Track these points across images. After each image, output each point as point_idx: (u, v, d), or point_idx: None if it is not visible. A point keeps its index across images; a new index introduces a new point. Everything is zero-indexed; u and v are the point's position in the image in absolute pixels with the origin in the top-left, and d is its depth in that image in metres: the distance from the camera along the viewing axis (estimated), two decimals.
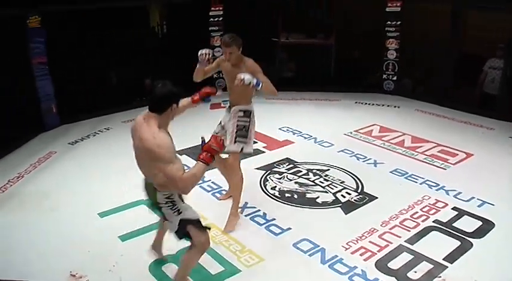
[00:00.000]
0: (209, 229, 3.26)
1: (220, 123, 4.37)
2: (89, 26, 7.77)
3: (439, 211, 4.46)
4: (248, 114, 4.17)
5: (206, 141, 2.89)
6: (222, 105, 7.59)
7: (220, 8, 8.11)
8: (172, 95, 2.83)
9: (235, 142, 4.13)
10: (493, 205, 4.55)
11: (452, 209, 4.49)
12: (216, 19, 8.14)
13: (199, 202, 4.57)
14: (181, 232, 3.10)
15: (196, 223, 3.12)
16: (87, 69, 8.15)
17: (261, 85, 3.85)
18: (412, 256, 3.78)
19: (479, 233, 4.09)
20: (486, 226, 4.19)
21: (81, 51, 7.64)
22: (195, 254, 3.19)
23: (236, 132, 4.13)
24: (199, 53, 4.05)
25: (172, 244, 3.85)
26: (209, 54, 4.06)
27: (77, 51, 7.54)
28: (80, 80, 7.98)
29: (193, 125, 6.36)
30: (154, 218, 4.27)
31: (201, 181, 5.00)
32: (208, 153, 2.80)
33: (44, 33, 6.34)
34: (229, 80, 4.15)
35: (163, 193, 3.00)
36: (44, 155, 5.76)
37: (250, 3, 8.87)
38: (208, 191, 4.85)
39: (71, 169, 5.43)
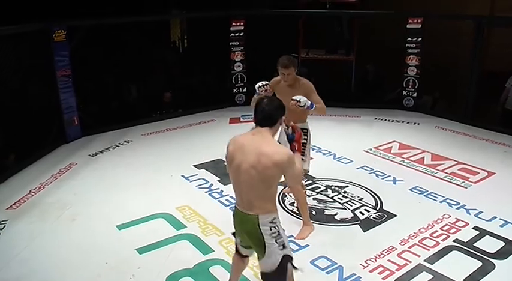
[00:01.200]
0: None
1: (278, 141, 4.39)
2: (112, 39, 7.92)
3: (460, 230, 4.38)
4: (305, 132, 4.35)
5: (293, 134, 3.17)
6: (241, 119, 7.64)
7: (241, 23, 8.18)
8: (281, 108, 2.92)
9: None
10: None
11: (473, 228, 4.40)
12: (237, 34, 8.21)
13: (215, 215, 4.61)
14: (280, 270, 2.82)
15: (292, 260, 2.90)
16: (109, 82, 8.30)
17: (314, 107, 4.03)
18: (432, 276, 3.71)
19: (502, 254, 4.00)
20: (509, 247, 4.09)
21: (104, 65, 7.78)
22: None
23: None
24: (256, 87, 4.26)
25: (186, 257, 3.87)
26: (266, 86, 4.26)
27: (99, 64, 7.69)
28: (101, 93, 8.13)
29: (213, 139, 6.42)
30: (171, 231, 4.32)
31: (219, 195, 5.04)
32: (300, 144, 3.14)
33: (68, 46, 6.47)
34: (284, 101, 4.11)
35: (268, 216, 2.83)
36: (65, 166, 5.84)
37: (271, 19, 8.95)
38: (227, 206, 4.85)
39: (90, 181, 5.49)
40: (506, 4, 7.72)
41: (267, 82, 4.32)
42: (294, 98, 3.92)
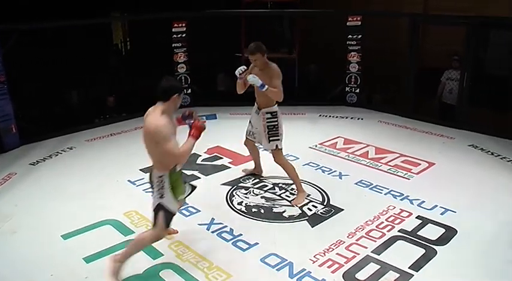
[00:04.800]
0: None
1: (250, 122, 5.10)
2: (50, 43, 7.67)
3: (404, 220, 4.53)
4: (275, 114, 4.85)
5: (192, 121, 3.56)
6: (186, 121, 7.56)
7: (183, 25, 8.11)
8: (175, 87, 3.47)
9: (269, 141, 4.84)
10: (454, 212, 4.66)
11: (416, 218, 4.57)
12: (179, 35, 8.13)
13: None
14: (154, 213, 3.55)
15: (169, 215, 3.54)
16: (48, 87, 8.02)
17: (265, 88, 4.49)
18: (379, 266, 3.81)
19: (443, 240, 4.18)
20: (449, 233, 4.28)
21: (42, 70, 7.52)
22: (148, 238, 3.58)
23: (268, 132, 4.82)
24: (236, 72, 4.71)
25: (135, 263, 3.79)
26: (245, 70, 4.72)
27: (37, 69, 7.42)
28: (40, 99, 7.85)
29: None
30: (119, 237, 4.23)
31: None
32: (198, 130, 3.49)
33: (1, 51, 6.20)
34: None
35: (158, 172, 3.47)
36: (4, 177, 5.58)
37: (213, 20, 8.92)
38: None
39: (32, 191, 5.27)
40: (438, 4, 8.07)
41: (245, 68, 4.74)
42: (246, 77, 4.55)
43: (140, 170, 5.58)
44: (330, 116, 7.94)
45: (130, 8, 9.87)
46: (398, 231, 4.34)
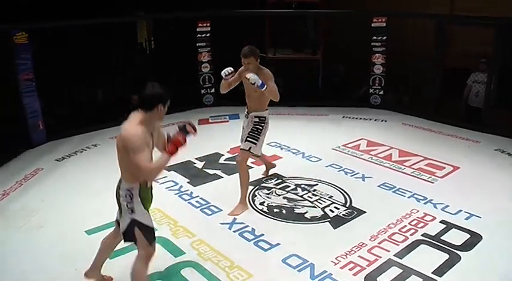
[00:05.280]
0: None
1: (243, 128, 4.94)
2: (77, 42, 7.77)
3: (427, 224, 4.48)
4: (263, 119, 4.76)
5: (172, 136, 3.09)
6: (210, 120, 7.61)
7: (208, 24, 8.16)
8: (159, 96, 3.07)
9: (245, 140, 4.74)
10: (479, 217, 4.58)
11: (440, 222, 4.52)
12: (203, 35, 8.18)
13: (186, 217, 4.59)
14: (129, 235, 3.20)
15: (147, 230, 3.20)
16: (75, 85, 8.14)
17: (264, 87, 4.38)
18: (401, 270, 3.78)
19: (467, 246, 4.12)
20: (474, 239, 4.22)
21: (68, 68, 7.63)
22: (141, 266, 3.26)
23: (249, 133, 4.75)
24: (222, 74, 4.62)
25: (157, 260, 3.83)
26: (232, 72, 4.65)
27: (64, 67, 7.53)
28: (67, 96, 7.97)
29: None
30: None
31: (189, 197, 5.02)
32: (174, 146, 3.02)
33: (30, 49, 6.32)
34: (247, 89, 4.73)
35: (127, 184, 3.14)
36: (31, 172, 5.70)
37: (238, 19, 8.94)
38: (197, 207, 4.83)
39: (57, 186, 5.38)
40: (464, 5, 7.94)
41: (232, 69, 4.66)
42: (246, 75, 4.40)
43: None
44: (353, 118, 7.89)
45: (154, 7, 9.95)
46: (422, 235, 4.29)
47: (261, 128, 4.75)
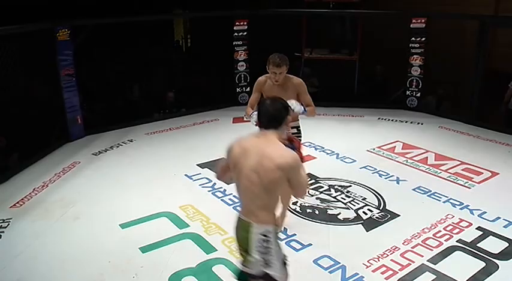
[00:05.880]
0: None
1: None
2: (115, 39, 7.93)
3: (463, 230, 4.37)
4: (299, 130, 4.34)
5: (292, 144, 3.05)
6: (245, 119, 7.62)
7: (245, 23, 8.18)
8: (285, 108, 2.71)
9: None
10: None
11: (476, 229, 4.39)
12: (240, 34, 8.21)
13: (219, 214, 4.61)
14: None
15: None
16: (112, 81, 8.31)
17: (305, 112, 3.95)
18: (435, 276, 3.70)
19: (506, 255, 3.98)
20: None
21: (107, 64, 7.80)
22: None
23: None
24: (253, 121, 3.84)
25: (188, 256, 3.87)
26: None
27: (103, 63, 7.70)
28: (105, 92, 8.14)
29: (216, 139, 6.40)
30: (174, 230, 4.33)
31: (222, 194, 5.05)
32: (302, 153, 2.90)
33: (72, 45, 6.48)
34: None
35: (262, 228, 2.58)
36: (69, 165, 5.85)
37: (275, 18, 8.94)
38: (230, 205, 4.85)
39: (94, 179, 5.50)
40: (510, 6, 7.70)
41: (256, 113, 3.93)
42: (290, 106, 3.85)
43: (197, 165, 5.69)
44: (389, 120, 7.78)
45: (192, 5, 10.07)
46: (457, 241, 4.18)
47: (300, 138, 4.32)
